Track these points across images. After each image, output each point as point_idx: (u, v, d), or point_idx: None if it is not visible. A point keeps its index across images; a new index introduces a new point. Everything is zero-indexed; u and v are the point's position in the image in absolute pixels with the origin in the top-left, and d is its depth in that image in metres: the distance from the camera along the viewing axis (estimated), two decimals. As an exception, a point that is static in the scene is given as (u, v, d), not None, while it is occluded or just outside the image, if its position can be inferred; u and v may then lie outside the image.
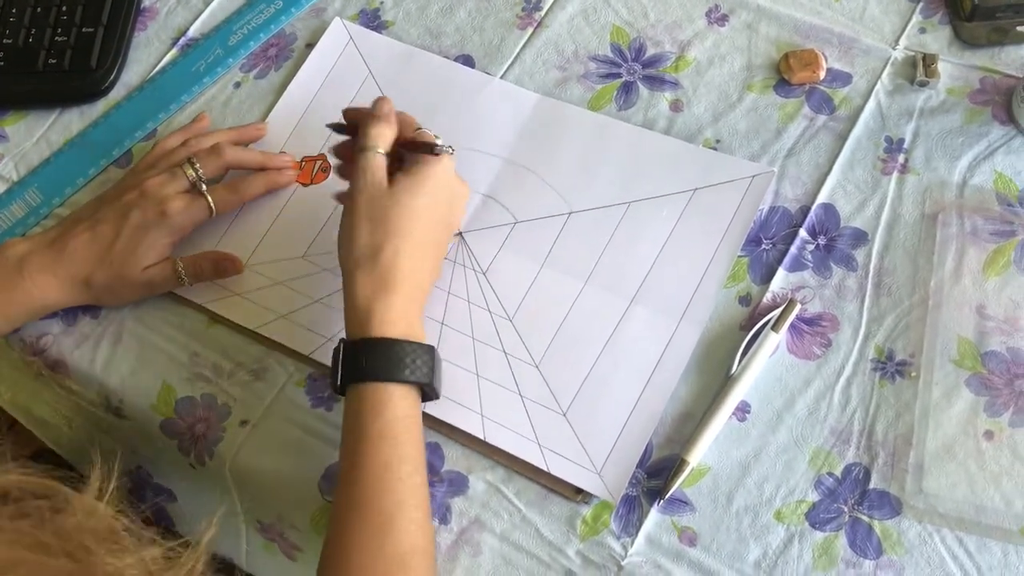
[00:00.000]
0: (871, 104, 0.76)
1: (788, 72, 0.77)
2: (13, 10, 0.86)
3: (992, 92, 0.75)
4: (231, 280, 0.75)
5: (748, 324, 0.69)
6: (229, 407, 0.71)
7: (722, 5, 0.82)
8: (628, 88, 0.79)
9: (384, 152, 0.66)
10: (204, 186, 0.73)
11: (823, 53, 0.78)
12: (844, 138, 0.75)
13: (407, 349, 0.62)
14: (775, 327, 0.68)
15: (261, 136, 0.80)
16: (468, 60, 0.82)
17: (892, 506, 0.63)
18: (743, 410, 0.67)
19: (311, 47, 0.84)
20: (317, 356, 0.71)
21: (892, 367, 0.67)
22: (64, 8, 0.86)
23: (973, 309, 0.68)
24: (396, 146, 0.68)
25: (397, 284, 0.63)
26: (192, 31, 0.87)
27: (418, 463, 0.61)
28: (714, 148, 0.76)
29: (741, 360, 0.67)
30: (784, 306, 0.69)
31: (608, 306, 0.70)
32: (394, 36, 0.84)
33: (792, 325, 0.69)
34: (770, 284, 0.70)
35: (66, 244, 0.71)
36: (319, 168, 0.79)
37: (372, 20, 0.85)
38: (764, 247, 0.72)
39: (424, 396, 0.64)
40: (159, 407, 0.72)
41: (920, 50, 0.77)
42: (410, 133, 0.69)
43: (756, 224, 0.72)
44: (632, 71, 0.80)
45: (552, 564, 0.64)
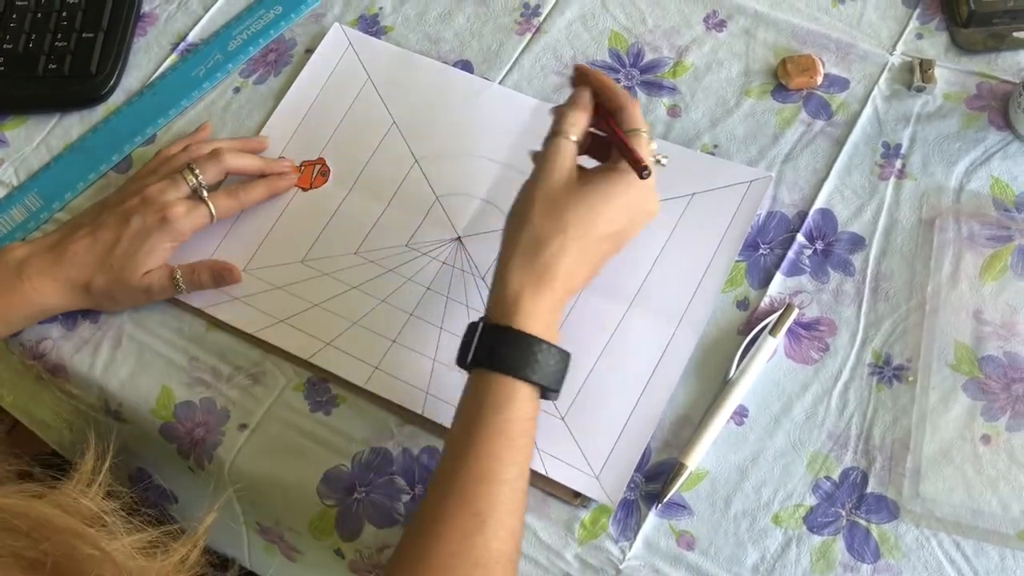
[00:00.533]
0: (868, 109, 0.76)
1: (785, 77, 0.78)
2: (13, 15, 0.86)
3: (989, 97, 0.76)
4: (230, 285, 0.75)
5: (746, 329, 0.69)
6: (228, 411, 0.71)
7: (720, 11, 0.82)
8: (626, 93, 0.79)
9: (576, 140, 0.64)
10: (205, 192, 0.73)
11: (820, 59, 0.78)
12: (841, 143, 0.75)
13: (545, 349, 0.60)
14: (773, 332, 0.68)
15: (263, 149, 0.80)
16: (467, 65, 0.82)
17: (889, 510, 0.64)
18: (741, 414, 0.67)
19: (310, 52, 0.84)
20: (316, 360, 0.71)
21: (889, 372, 0.67)
22: (64, 13, 0.86)
23: (970, 314, 0.68)
24: (607, 127, 0.65)
25: (552, 281, 0.61)
26: (192, 36, 0.87)
27: (524, 469, 0.59)
28: (712, 153, 0.76)
29: (739, 364, 0.68)
30: (782, 311, 0.69)
31: (606, 311, 0.71)
32: (393, 42, 0.84)
33: (790, 330, 0.69)
34: (768, 289, 0.71)
35: (66, 248, 0.71)
36: (318, 172, 0.79)
37: (371, 26, 0.85)
38: (762, 252, 0.72)
39: (542, 395, 0.62)
40: (158, 411, 0.72)
41: (917, 56, 0.78)
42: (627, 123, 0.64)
43: (754, 229, 0.72)
44: (630, 76, 0.80)
45: (550, 568, 0.64)
